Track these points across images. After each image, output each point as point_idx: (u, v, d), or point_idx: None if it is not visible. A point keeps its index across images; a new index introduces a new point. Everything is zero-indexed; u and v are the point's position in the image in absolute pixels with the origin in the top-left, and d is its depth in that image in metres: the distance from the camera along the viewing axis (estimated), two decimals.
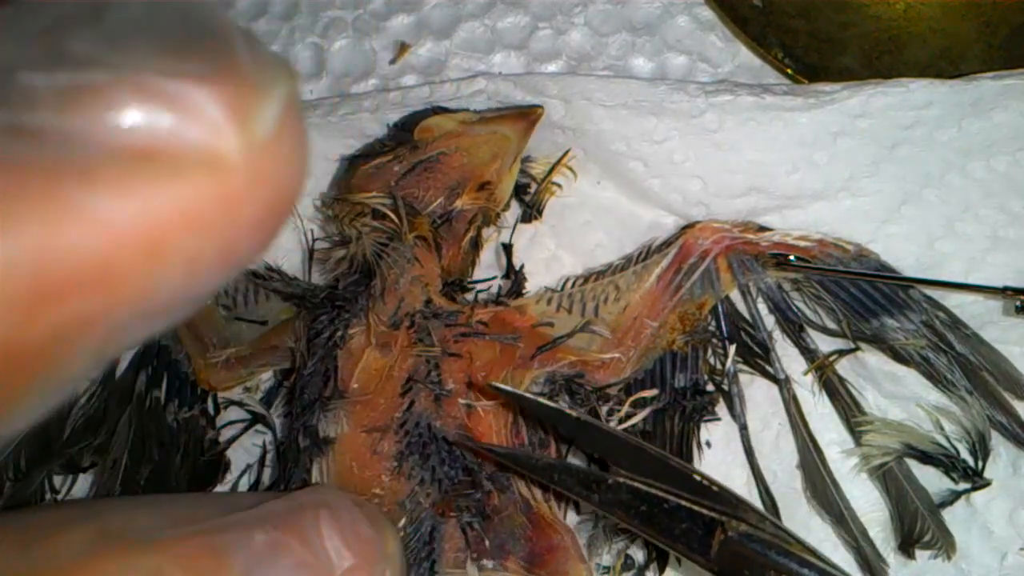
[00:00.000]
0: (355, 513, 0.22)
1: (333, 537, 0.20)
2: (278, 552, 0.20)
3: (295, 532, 0.20)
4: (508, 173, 0.35)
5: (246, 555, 0.19)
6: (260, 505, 0.21)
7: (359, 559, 0.20)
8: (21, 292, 0.11)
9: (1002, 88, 0.33)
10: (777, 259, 0.34)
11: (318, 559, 0.20)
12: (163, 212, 0.12)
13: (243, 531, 0.20)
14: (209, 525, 0.20)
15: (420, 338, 0.31)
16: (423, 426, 0.30)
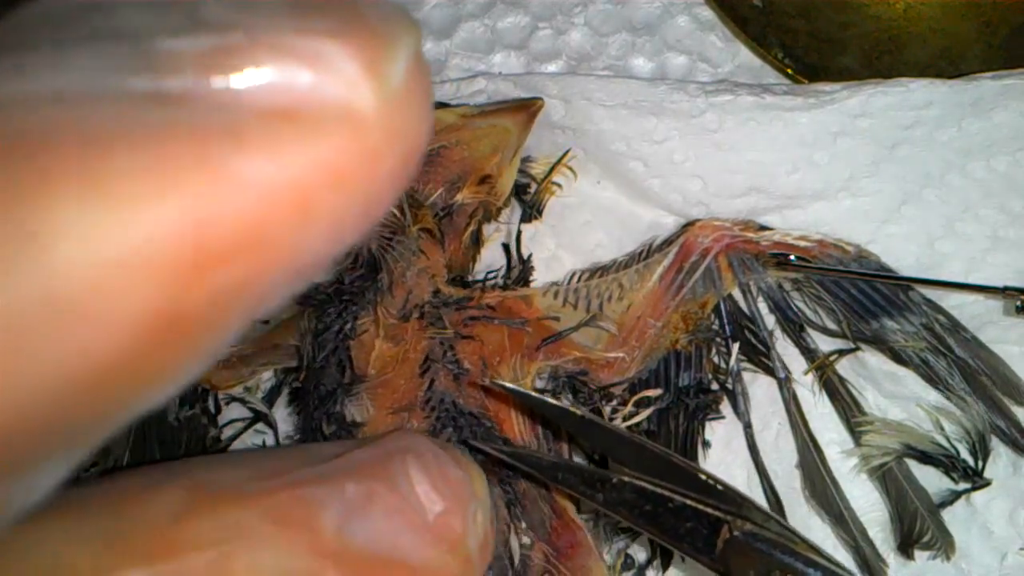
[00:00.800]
0: (442, 457, 0.21)
1: (423, 482, 0.20)
2: (370, 501, 0.20)
3: (385, 480, 0.20)
4: (509, 167, 0.35)
5: (338, 506, 0.19)
6: (345, 455, 0.21)
7: (450, 502, 0.20)
8: (182, 261, 0.11)
9: (1002, 88, 0.33)
10: (777, 259, 0.34)
11: (410, 505, 0.20)
12: (310, 171, 0.12)
13: (332, 482, 0.20)
14: (297, 477, 0.20)
15: (431, 323, 0.31)
16: (448, 403, 0.30)
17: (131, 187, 0.11)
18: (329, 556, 0.19)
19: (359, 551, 0.19)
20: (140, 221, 0.11)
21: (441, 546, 0.20)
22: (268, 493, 0.19)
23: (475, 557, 0.20)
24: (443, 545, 0.20)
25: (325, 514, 0.19)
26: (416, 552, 0.20)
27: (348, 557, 0.19)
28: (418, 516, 0.20)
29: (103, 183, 0.11)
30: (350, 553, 0.19)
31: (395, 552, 0.19)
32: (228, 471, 0.20)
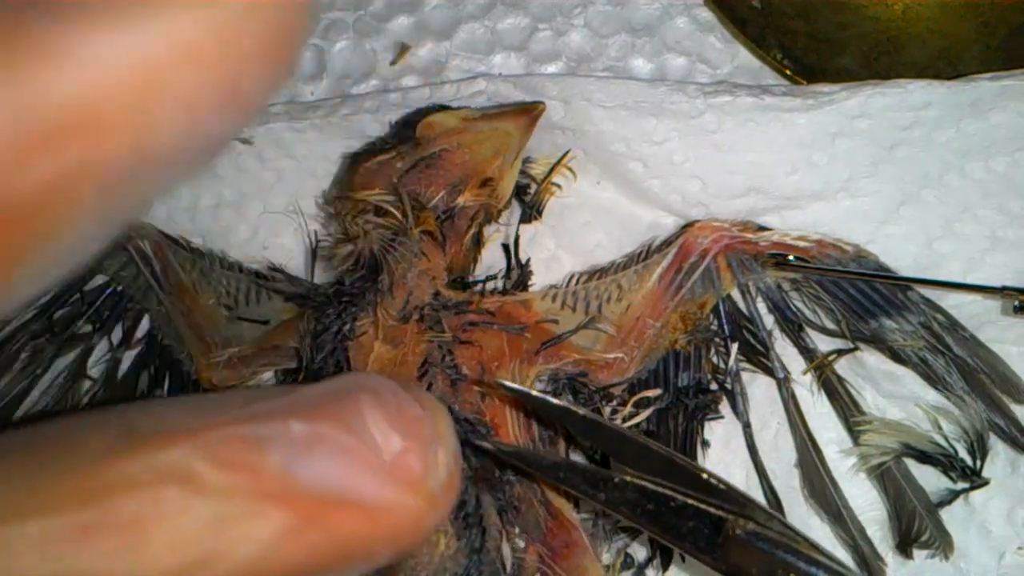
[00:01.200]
0: (400, 394, 0.20)
1: (378, 420, 0.19)
2: (318, 439, 0.18)
3: (335, 417, 0.19)
4: (510, 169, 0.35)
5: (283, 445, 0.18)
6: (293, 393, 0.19)
7: (408, 441, 0.19)
8: (5, 142, 0.10)
9: (1000, 89, 0.33)
10: (776, 259, 0.34)
11: (363, 443, 0.18)
12: (153, 48, 0.11)
13: (278, 419, 0.18)
14: (238, 415, 0.18)
15: (431, 326, 0.31)
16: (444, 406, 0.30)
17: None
18: (271, 497, 0.17)
19: (306, 492, 0.18)
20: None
21: (399, 486, 0.18)
22: (205, 431, 0.18)
23: (439, 498, 0.19)
24: (401, 485, 0.18)
25: (268, 453, 0.18)
26: (371, 492, 0.18)
27: (294, 498, 0.18)
28: (372, 455, 0.18)
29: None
30: (296, 494, 0.18)
31: (347, 493, 0.18)
32: (168, 411, 0.19)
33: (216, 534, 0.17)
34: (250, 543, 0.17)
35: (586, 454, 0.35)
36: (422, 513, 0.19)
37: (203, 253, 0.38)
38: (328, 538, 0.18)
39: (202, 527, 0.17)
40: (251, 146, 0.38)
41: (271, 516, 0.17)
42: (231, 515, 0.17)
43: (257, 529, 0.17)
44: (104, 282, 0.38)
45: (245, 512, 0.17)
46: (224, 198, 0.39)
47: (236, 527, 0.17)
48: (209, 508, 0.17)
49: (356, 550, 0.19)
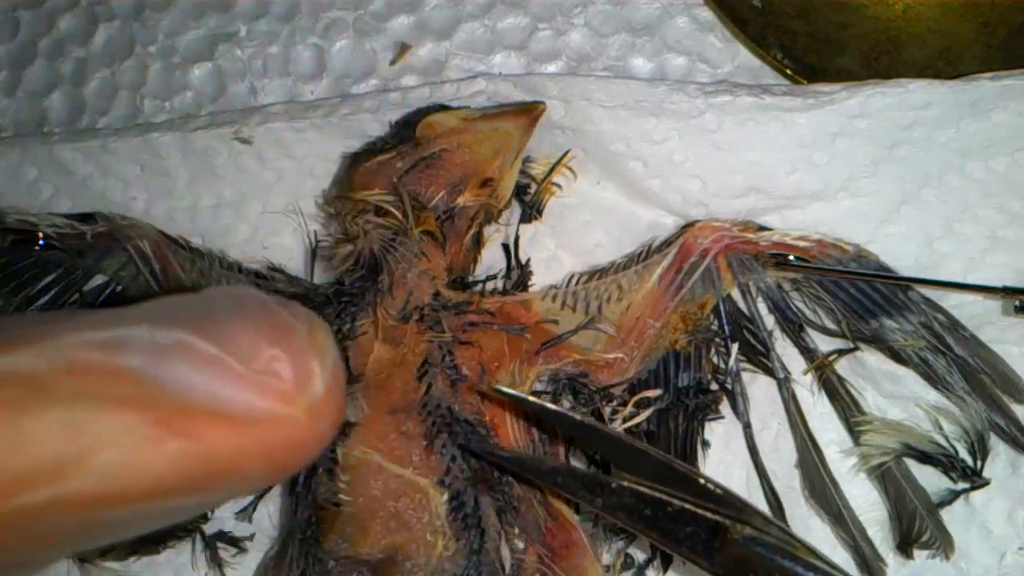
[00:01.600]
0: (269, 304, 0.19)
1: (245, 328, 0.18)
2: (179, 346, 0.17)
3: (197, 324, 0.18)
4: (510, 170, 0.35)
5: (141, 350, 0.17)
6: (157, 300, 0.19)
7: (278, 349, 0.18)
8: None
9: (1001, 89, 0.33)
10: (776, 259, 0.34)
11: (228, 351, 0.17)
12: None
13: (138, 326, 0.17)
14: (93, 319, 0.17)
15: (431, 326, 0.31)
16: (444, 408, 0.30)
17: None
18: (128, 403, 0.17)
19: (166, 399, 0.17)
20: None
21: (267, 395, 0.17)
22: (56, 335, 0.17)
23: (318, 410, 0.18)
24: (270, 396, 0.17)
25: (124, 358, 0.17)
26: (239, 403, 0.17)
27: (153, 405, 0.17)
28: (239, 363, 0.17)
29: None
30: (155, 401, 0.17)
31: (212, 402, 0.17)
32: (24, 321, 0.18)
33: (68, 439, 0.16)
34: (107, 450, 0.17)
35: (587, 456, 0.35)
36: (297, 425, 0.18)
37: (203, 253, 0.37)
38: (193, 448, 0.17)
39: (52, 432, 0.16)
40: (251, 146, 0.38)
41: (128, 421, 0.17)
42: (83, 420, 0.16)
43: (114, 435, 0.17)
44: (103, 282, 0.38)
45: (99, 417, 0.17)
46: (224, 198, 0.39)
47: (90, 433, 0.16)
48: (58, 412, 0.16)
49: (224, 463, 0.18)
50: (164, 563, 0.37)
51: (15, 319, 0.19)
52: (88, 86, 0.44)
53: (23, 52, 0.45)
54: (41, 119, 0.44)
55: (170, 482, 0.17)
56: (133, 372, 0.17)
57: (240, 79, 0.43)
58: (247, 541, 0.36)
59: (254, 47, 0.43)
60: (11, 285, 0.37)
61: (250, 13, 0.43)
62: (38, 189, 0.39)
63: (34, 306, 0.37)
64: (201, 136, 0.38)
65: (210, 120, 0.38)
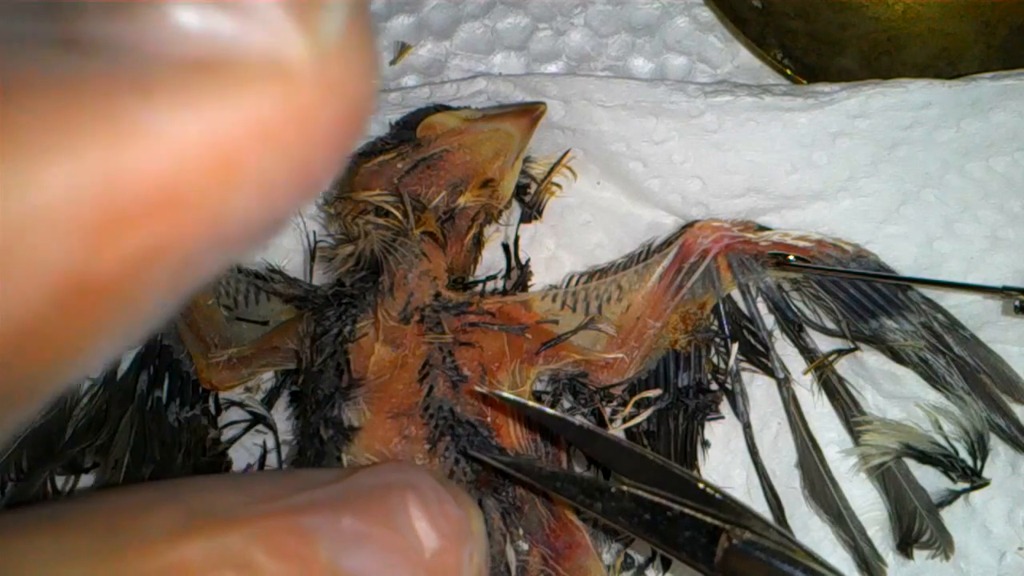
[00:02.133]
0: (441, 493, 0.20)
1: (421, 519, 0.20)
2: (366, 534, 0.19)
3: (382, 514, 0.19)
4: (511, 170, 0.35)
5: (333, 538, 0.19)
6: (342, 483, 0.20)
7: (447, 541, 0.20)
8: (87, 220, 0.10)
9: (1001, 89, 0.33)
10: (776, 259, 0.34)
11: (407, 541, 0.19)
12: (231, 128, 0.11)
13: (329, 512, 0.19)
14: (292, 503, 0.19)
15: (431, 327, 0.31)
16: (446, 410, 0.30)
17: (34, 140, 0.10)
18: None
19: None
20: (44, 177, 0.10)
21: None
22: (261, 519, 0.19)
23: None
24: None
25: (319, 544, 0.19)
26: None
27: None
28: (415, 553, 0.19)
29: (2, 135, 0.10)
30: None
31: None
32: (222, 494, 0.20)
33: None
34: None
35: (588, 459, 0.35)
36: None
37: None
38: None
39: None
40: None
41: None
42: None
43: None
44: None
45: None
46: None
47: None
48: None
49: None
50: None
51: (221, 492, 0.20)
52: None
53: None
54: None
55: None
56: (326, 559, 0.18)
57: None
58: None
59: None
60: None
61: None
62: None
63: None
64: None
65: None
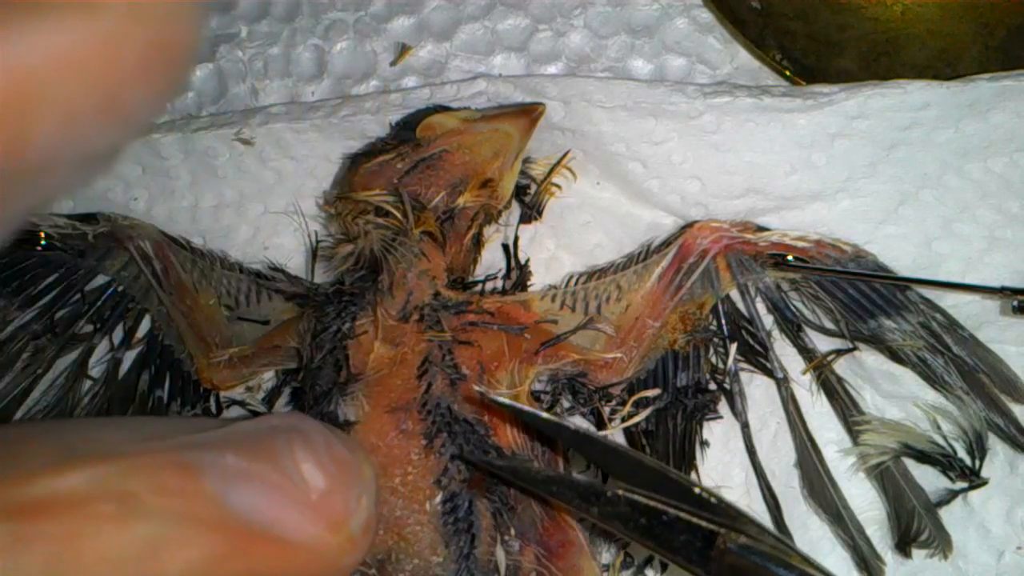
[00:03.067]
0: (328, 437, 0.21)
1: (307, 459, 0.20)
2: (251, 473, 0.19)
3: (268, 454, 0.20)
4: (510, 170, 0.35)
5: (217, 474, 0.19)
6: (229, 426, 0.20)
7: (334, 482, 0.20)
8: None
9: (999, 90, 0.33)
10: (775, 259, 0.34)
11: (292, 481, 0.19)
12: (31, 55, 0.11)
13: (215, 451, 0.19)
14: (179, 442, 0.19)
15: (430, 326, 0.31)
16: (444, 407, 0.30)
17: None
18: (204, 524, 0.18)
19: (236, 521, 0.18)
20: None
21: (321, 524, 0.19)
22: (144, 454, 0.18)
23: (358, 539, 0.20)
24: (323, 523, 0.19)
25: (203, 481, 0.18)
26: (295, 528, 0.19)
27: (224, 526, 0.18)
28: (300, 493, 0.19)
29: None
30: (226, 523, 0.18)
31: (274, 526, 0.19)
32: (105, 432, 0.20)
33: (149, 554, 0.17)
34: (179, 565, 0.18)
35: (587, 459, 0.35)
36: (341, 552, 0.20)
37: (204, 253, 0.38)
38: (252, 568, 0.19)
39: (136, 546, 0.17)
40: (252, 146, 0.38)
41: (202, 541, 0.18)
42: (164, 536, 0.18)
43: (188, 552, 0.18)
44: (105, 282, 0.38)
45: (178, 535, 0.18)
46: (225, 198, 0.39)
47: (168, 549, 0.18)
48: (144, 528, 0.18)
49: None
50: None
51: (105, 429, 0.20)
52: None
53: None
54: None
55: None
56: (211, 494, 0.18)
57: (241, 80, 0.43)
58: None
59: (255, 48, 0.43)
60: (13, 285, 0.37)
61: (251, 14, 0.43)
62: None
63: (35, 306, 0.37)
64: (202, 137, 0.38)
65: (211, 121, 0.39)
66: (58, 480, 0.17)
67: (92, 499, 0.17)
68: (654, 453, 0.34)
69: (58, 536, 0.17)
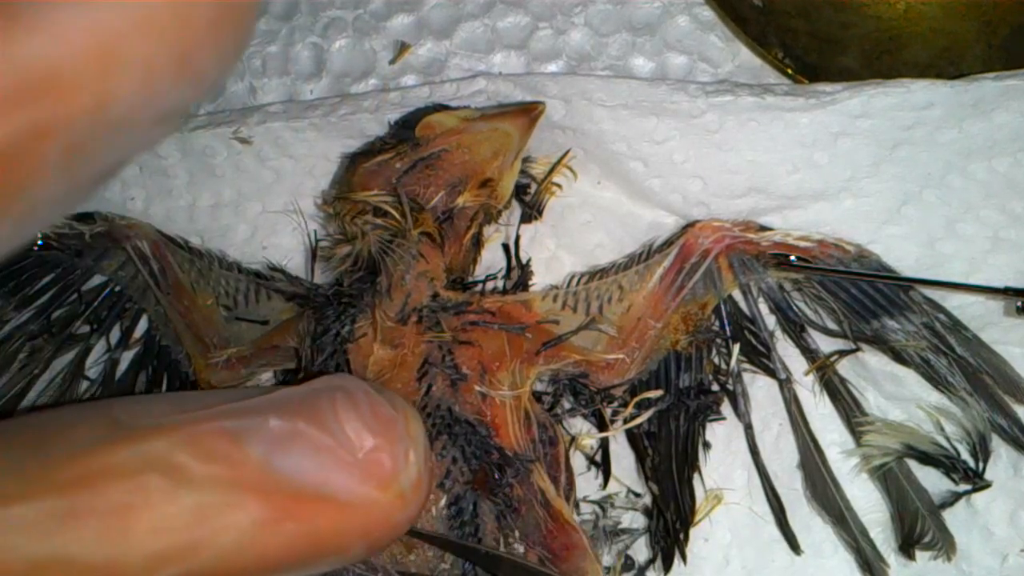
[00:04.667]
0: (373, 395, 0.21)
1: (352, 419, 0.20)
2: (296, 436, 0.19)
3: (312, 415, 0.20)
4: (510, 170, 0.35)
5: (263, 440, 0.19)
6: (272, 393, 0.21)
7: (380, 439, 0.20)
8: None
9: (1003, 89, 0.33)
10: (778, 259, 0.34)
11: (337, 441, 0.19)
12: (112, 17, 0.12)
13: (258, 416, 0.19)
14: (222, 410, 0.19)
15: (430, 327, 0.31)
16: (444, 409, 0.30)
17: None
18: (251, 489, 0.18)
19: (283, 485, 0.19)
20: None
21: (370, 483, 0.19)
22: (187, 424, 0.19)
23: (409, 496, 0.20)
24: (372, 482, 0.19)
25: (248, 447, 0.19)
26: (344, 488, 0.19)
27: (271, 491, 0.18)
28: (346, 452, 0.19)
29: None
30: (273, 487, 0.19)
31: (322, 488, 0.19)
32: (150, 406, 0.20)
33: (198, 522, 0.18)
34: (230, 532, 0.18)
35: (589, 458, 0.35)
36: (393, 509, 0.20)
37: (202, 253, 0.37)
38: (303, 530, 0.19)
39: (185, 515, 0.18)
40: (250, 145, 0.38)
41: (250, 507, 0.18)
42: (213, 504, 0.18)
43: (237, 519, 0.18)
44: (102, 282, 0.38)
45: (226, 502, 0.18)
46: (223, 197, 0.39)
47: (217, 516, 0.18)
48: (192, 497, 0.18)
49: (329, 543, 0.19)
50: None
51: (150, 405, 0.20)
52: None
53: None
54: None
55: (280, 560, 0.19)
56: (257, 459, 0.19)
57: (239, 78, 0.43)
58: None
59: (253, 46, 0.43)
60: (10, 285, 0.37)
61: None
62: None
63: (32, 306, 0.37)
64: (200, 135, 0.38)
65: (209, 119, 0.38)
66: (107, 455, 0.18)
67: (140, 471, 0.18)
68: (656, 455, 0.34)
69: (109, 509, 0.17)
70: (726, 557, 0.35)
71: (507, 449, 0.30)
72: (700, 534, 0.34)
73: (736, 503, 0.35)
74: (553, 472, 0.31)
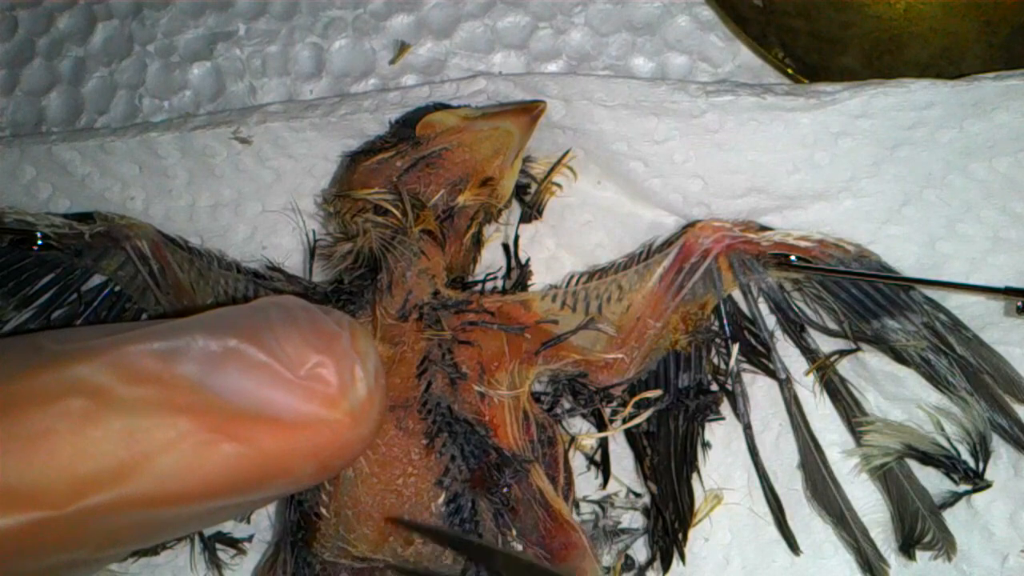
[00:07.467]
0: (313, 311, 0.20)
1: (291, 336, 0.19)
2: (231, 354, 0.18)
3: (248, 333, 0.19)
4: (510, 169, 0.35)
5: (194, 359, 0.18)
6: (208, 312, 0.20)
7: (323, 355, 0.19)
8: None
9: (1004, 89, 0.33)
10: (778, 259, 0.34)
11: (276, 359, 0.18)
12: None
13: (189, 335, 0.18)
14: (150, 331, 0.18)
15: (430, 324, 0.31)
16: (444, 407, 0.30)
17: None
18: (184, 410, 0.18)
19: (219, 405, 0.18)
20: None
21: (314, 401, 0.19)
22: (114, 347, 0.18)
23: (359, 413, 0.19)
24: (316, 400, 0.19)
25: (178, 367, 0.18)
26: (287, 407, 0.18)
27: (206, 411, 0.18)
28: (285, 370, 0.18)
29: None
30: (208, 407, 0.18)
31: (263, 407, 0.18)
32: (76, 332, 0.19)
33: (127, 445, 0.17)
34: (165, 455, 0.17)
35: (588, 457, 0.35)
36: (342, 427, 0.19)
37: (201, 253, 0.37)
38: (245, 452, 0.18)
39: (113, 438, 0.17)
40: (249, 145, 0.38)
41: (183, 428, 0.18)
42: (143, 427, 0.17)
43: (170, 440, 0.18)
44: (102, 282, 0.38)
45: (157, 424, 0.18)
46: (222, 197, 0.39)
47: (148, 439, 0.17)
48: (120, 420, 0.17)
49: (274, 465, 0.19)
50: (163, 564, 0.36)
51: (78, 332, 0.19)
52: (86, 85, 0.44)
53: (21, 51, 0.45)
54: (39, 118, 0.44)
55: (223, 484, 0.18)
56: (189, 380, 0.18)
57: (239, 78, 0.43)
58: (246, 543, 0.36)
59: (253, 46, 0.43)
60: (9, 285, 0.37)
61: (249, 12, 0.43)
62: (36, 189, 0.39)
63: (31, 306, 0.37)
64: (200, 135, 0.38)
65: (209, 119, 0.38)
66: (28, 380, 0.17)
67: (62, 396, 0.17)
68: (655, 454, 0.34)
69: (30, 435, 0.17)
70: (726, 557, 0.35)
71: (505, 449, 0.30)
72: (700, 534, 0.34)
73: (736, 503, 0.35)
74: (551, 472, 0.31)
